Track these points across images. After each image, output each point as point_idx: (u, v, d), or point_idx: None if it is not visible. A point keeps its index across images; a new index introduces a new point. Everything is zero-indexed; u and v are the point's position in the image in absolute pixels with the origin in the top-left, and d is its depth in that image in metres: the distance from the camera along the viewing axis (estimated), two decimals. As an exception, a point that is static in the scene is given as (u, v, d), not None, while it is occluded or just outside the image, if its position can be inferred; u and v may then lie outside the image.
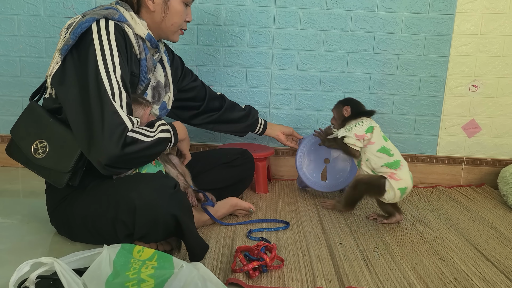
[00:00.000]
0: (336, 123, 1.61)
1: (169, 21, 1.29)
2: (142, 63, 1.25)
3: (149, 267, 0.86)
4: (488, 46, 1.96)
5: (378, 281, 1.09)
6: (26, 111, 1.23)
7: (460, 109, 2.02)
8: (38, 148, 1.18)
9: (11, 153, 1.26)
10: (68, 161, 1.14)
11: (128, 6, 1.25)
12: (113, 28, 1.15)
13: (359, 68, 1.99)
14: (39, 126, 1.19)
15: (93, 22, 1.14)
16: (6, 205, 1.56)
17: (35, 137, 1.19)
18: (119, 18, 1.19)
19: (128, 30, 1.20)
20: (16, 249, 1.21)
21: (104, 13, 1.17)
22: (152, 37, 1.26)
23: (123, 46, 1.16)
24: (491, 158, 2.05)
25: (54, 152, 1.16)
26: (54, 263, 0.82)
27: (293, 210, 1.62)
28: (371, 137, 1.49)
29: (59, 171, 1.16)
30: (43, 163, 1.17)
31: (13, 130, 1.24)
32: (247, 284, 1.04)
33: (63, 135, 1.16)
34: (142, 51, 1.24)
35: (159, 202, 1.06)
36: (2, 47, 2.00)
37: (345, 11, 1.95)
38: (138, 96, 1.30)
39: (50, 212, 1.28)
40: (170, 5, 1.28)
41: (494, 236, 1.42)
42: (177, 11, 1.29)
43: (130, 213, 1.06)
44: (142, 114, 1.28)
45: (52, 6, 1.96)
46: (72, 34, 1.12)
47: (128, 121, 1.09)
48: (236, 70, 2.00)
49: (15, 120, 1.25)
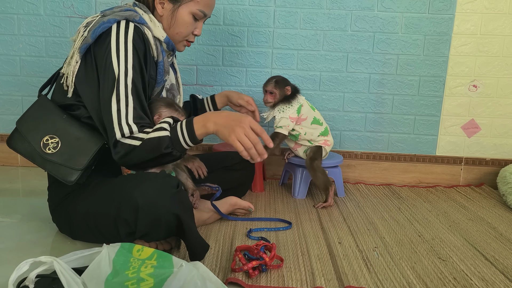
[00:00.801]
0: (272, 101, 1.69)
1: (174, 29, 1.29)
2: (160, 65, 1.26)
3: (148, 266, 0.86)
4: (488, 46, 1.96)
5: (377, 281, 1.09)
6: (36, 104, 1.23)
7: (459, 109, 2.02)
8: (49, 143, 1.18)
9: (13, 145, 1.23)
10: (83, 158, 1.17)
11: (146, 8, 1.26)
12: (133, 30, 1.16)
13: (358, 68, 2.00)
14: (51, 121, 1.20)
15: (114, 23, 1.16)
16: (6, 204, 1.56)
17: (45, 132, 1.19)
18: (140, 20, 1.20)
19: (148, 32, 1.21)
20: (15, 248, 1.21)
21: (125, 14, 1.18)
22: (170, 40, 1.28)
23: (141, 49, 1.18)
24: (491, 158, 2.06)
25: (67, 149, 1.17)
26: (53, 262, 0.82)
27: (292, 209, 1.62)
28: (302, 114, 1.69)
29: (70, 167, 1.17)
30: (53, 159, 1.17)
31: (20, 122, 1.23)
32: (246, 284, 1.04)
33: (77, 133, 1.18)
34: (160, 54, 1.25)
35: (162, 201, 1.06)
36: (2, 46, 2.00)
37: (344, 11, 1.95)
38: (175, 103, 1.31)
39: (52, 210, 1.28)
40: (178, 14, 1.27)
41: (493, 236, 1.42)
42: (184, 21, 1.29)
43: (133, 211, 1.07)
44: None
45: (52, 6, 1.96)
46: (92, 33, 1.15)
47: (118, 131, 1.11)
48: (236, 70, 2.00)
49: (15, 120, 1.24)
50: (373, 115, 2.04)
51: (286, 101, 1.69)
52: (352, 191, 1.89)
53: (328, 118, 2.03)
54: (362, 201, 1.76)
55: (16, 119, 1.24)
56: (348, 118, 2.04)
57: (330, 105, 2.03)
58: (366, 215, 1.58)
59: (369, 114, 2.03)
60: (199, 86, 2.02)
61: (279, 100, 1.69)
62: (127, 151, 1.11)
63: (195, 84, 2.02)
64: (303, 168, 1.77)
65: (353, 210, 1.64)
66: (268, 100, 1.69)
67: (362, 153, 2.06)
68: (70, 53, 1.21)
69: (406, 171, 2.07)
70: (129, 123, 1.12)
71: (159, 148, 1.11)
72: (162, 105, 1.28)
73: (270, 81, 1.69)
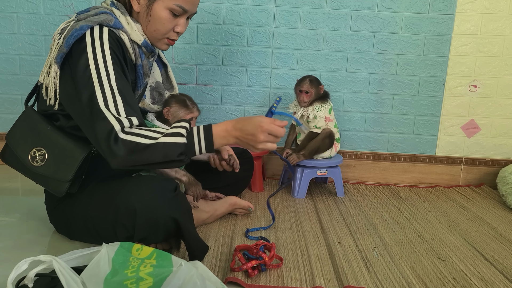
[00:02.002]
0: (308, 101, 1.74)
1: (151, 26, 1.20)
2: (138, 69, 1.22)
3: (147, 265, 0.86)
4: (488, 46, 1.96)
5: (376, 280, 1.09)
6: (22, 117, 1.21)
7: (459, 109, 2.02)
8: (36, 156, 1.15)
9: (6, 160, 1.23)
10: (69, 170, 1.12)
11: (124, 9, 1.20)
12: (107, 35, 1.11)
13: (358, 68, 1.99)
14: (37, 134, 1.16)
15: (87, 30, 1.10)
16: (5, 203, 1.56)
17: (32, 144, 1.16)
18: (115, 24, 1.14)
19: (124, 36, 1.16)
20: (15, 247, 1.21)
21: (99, 20, 1.12)
22: (148, 43, 1.22)
23: (117, 53, 1.12)
24: (490, 158, 2.06)
25: (53, 161, 1.14)
26: (52, 261, 0.82)
27: (291, 209, 1.62)
28: (331, 115, 1.78)
29: (58, 179, 1.13)
30: (41, 171, 1.15)
31: (9, 136, 1.21)
32: (246, 283, 1.04)
33: (62, 144, 1.14)
34: (138, 57, 1.20)
35: (159, 205, 1.05)
36: (1, 45, 2.00)
37: (345, 10, 1.95)
38: (188, 100, 1.32)
39: (49, 211, 1.28)
40: (153, 10, 1.18)
41: (493, 236, 1.42)
42: (160, 18, 1.19)
43: (130, 216, 1.06)
44: (182, 117, 1.31)
45: (51, 4, 1.96)
46: (66, 42, 1.09)
47: (116, 122, 1.00)
48: (236, 69, 2.00)
49: (14, 119, 1.24)
50: (373, 115, 2.03)
51: (322, 100, 1.76)
52: (351, 191, 1.89)
53: (328, 118, 2.03)
54: (361, 201, 1.76)
55: (16, 118, 1.23)
56: (348, 118, 2.04)
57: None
58: (366, 215, 1.58)
59: (369, 114, 2.03)
60: (199, 85, 2.02)
61: (314, 99, 1.74)
62: (132, 149, 1.00)
63: (195, 83, 2.02)
64: (303, 168, 1.77)
65: (353, 210, 1.64)
66: (304, 100, 1.74)
67: (361, 153, 2.06)
68: (47, 62, 1.16)
69: (406, 171, 2.07)
70: (128, 116, 1.03)
71: (173, 155, 1.01)
72: (174, 100, 1.30)
73: (304, 80, 1.74)
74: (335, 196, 1.80)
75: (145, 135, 1.02)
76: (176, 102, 1.33)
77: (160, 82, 1.38)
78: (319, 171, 1.79)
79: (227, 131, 1.07)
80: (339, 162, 1.82)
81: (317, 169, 1.78)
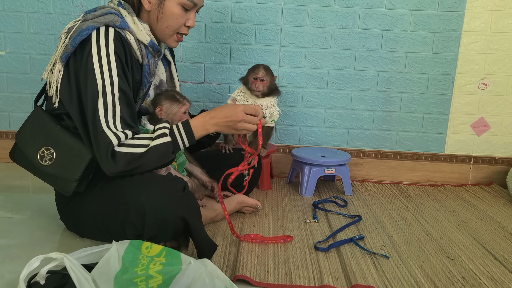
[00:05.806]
0: (262, 90, 1.64)
1: (163, 23, 1.23)
2: (145, 69, 1.23)
3: (157, 263, 0.86)
4: (498, 43, 1.94)
5: (385, 279, 1.09)
6: (31, 117, 1.23)
7: (469, 107, 2.00)
8: (45, 155, 1.17)
9: (16, 158, 1.25)
10: (76, 170, 1.15)
11: (131, 9, 1.22)
12: (113, 36, 1.13)
13: (367, 66, 1.99)
14: (46, 133, 1.18)
15: (93, 31, 1.12)
16: (16, 201, 1.58)
17: (41, 144, 1.18)
18: (121, 25, 1.16)
19: (130, 37, 1.18)
20: (26, 244, 1.22)
21: (105, 20, 1.14)
22: (155, 43, 1.24)
23: (123, 54, 1.14)
24: (500, 156, 2.04)
25: (61, 160, 1.16)
26: (63, 259, 0.83)
27: (299, 207, 1.62)
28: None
29: (66, 179, 1.16)
30: (49, 170, 1.17)
31: (18, 135, 1.23)
32: (254, 281, 1.04)
33: (70, 144, 1.16)
34: (145, 57, 1.22)
35: (169, 205, 1.06)
36: (12, 45, 2.02)
37: (353, 8, 1.94)
38: (176, 93, 1.32)
39: (60, 209, 1.29)
40: (165, 7, 1.21)
41: (503, 235, 1.41)
42: (172, 14, 1.22)
43: (140, 216, 1.07)
44: (176, 112, 1.30)
45: (61, 4, 1.98)
46: (71, 42, 1.12)
47: (114, 137, 1.08)
48: (244, 68, 2.00)
49: (25, 117, 1.25)
50: (381, 113, 2.03)
51: (277, 92, 1.70)
52: (359, 190, 1.89)
53: (335, 116, 2.03)
54: (369, 199, 1.75)
55: (26, 116, 1.25)
56: (356, 116, 2.03)
57: (338, 103, 2.02)
58: (374, 213, 1.58)
59: (377, 112, 2.02)
60: (207, 84, 2.03)
61: (268, 89, 1.66)
62: (128, 160, 1.08)
63: (202, 82, 2.02)
64: (311, 166, 1.77)
65: (361, 208, 1.63)
66: (259, 88, 1.63)
67: (370, 151, 2.06)
68: (51, 59, 1.18)
69: (414, 170, 2.06)
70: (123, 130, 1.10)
71: (165, 154, 1.11)
72: (163, 97, 1.30)
73: (259, 67, 1.65)
74: (343, 194, 1.79)
75: (138, 144, 1.10)
76: (166, 98, 1.31)
77: (164, 81, 1.39)
78: (327, 169, 1.78)
79: (204, 121, 1.19)
80: (347, 160, 1.81)
81: (325, 167, 1.78)
